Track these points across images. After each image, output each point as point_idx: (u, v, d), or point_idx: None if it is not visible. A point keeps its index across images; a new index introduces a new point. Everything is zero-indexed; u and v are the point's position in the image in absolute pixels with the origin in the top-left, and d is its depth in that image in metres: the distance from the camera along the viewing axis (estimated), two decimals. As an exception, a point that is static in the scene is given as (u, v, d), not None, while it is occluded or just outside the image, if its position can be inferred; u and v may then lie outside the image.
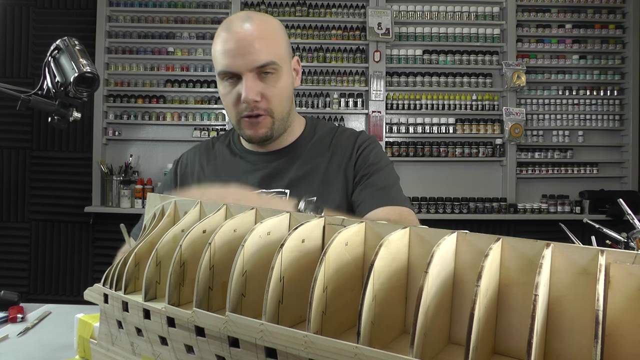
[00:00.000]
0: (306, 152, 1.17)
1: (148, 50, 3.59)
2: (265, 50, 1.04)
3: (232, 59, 1.04)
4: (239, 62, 1.03)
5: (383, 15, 3.54)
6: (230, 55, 1.04)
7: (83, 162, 3.55)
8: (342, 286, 0.54)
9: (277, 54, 1.06)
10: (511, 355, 0.51)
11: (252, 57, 1.03)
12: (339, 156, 1.16)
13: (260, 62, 1.03)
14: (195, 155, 1.25)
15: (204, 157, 1.24)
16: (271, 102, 1.07)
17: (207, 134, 3.52)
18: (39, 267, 3.55)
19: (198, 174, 1.22)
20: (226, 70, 1.05)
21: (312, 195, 1.07)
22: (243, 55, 1.03)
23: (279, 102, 1.09)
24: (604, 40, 3.71)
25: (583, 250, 0.46)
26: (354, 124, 3.68)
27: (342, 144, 1.18)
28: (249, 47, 1.03)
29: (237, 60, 1.03)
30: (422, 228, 0.55)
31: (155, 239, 0.69)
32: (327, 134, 1.21)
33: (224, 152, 1.24)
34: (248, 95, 1.03)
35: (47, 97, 0.98)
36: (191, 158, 1.26)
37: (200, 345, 0.58)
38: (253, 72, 1.04)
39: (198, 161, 1.24)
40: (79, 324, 0.82)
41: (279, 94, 1.08)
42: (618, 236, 1.04)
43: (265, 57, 1.04)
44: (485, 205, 3.51)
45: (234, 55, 1.03)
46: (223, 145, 1.25)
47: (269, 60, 1.04)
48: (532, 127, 3.65)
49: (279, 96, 1.08)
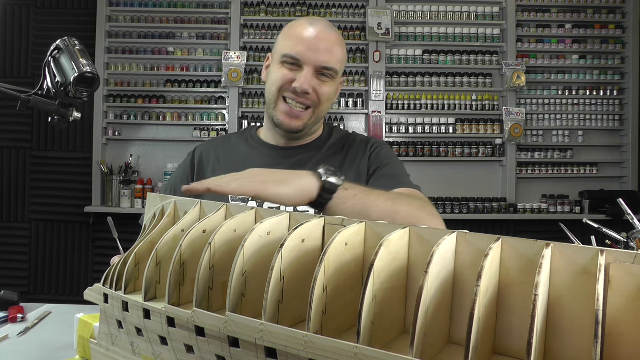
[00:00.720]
0: (323, 150, 1.24)
1: (148, 50, 3.59)
2: (335, 57, 1.14)
3: (305, 50, 1.11)
4: (310, 55, 1.11)
5: (383, 15, 3.54)
6: (305, 46, 1.11)
7: (83, 162, 3.55)
8: (342, 286, 0.54)
9: (340, 65, 1.17)
10: (511, 355, 0.51)
11: (322, 57, 1.11)
12: (352, 155, 1.23)
13: (327, 64, 1.12)
14: (211, 147, 1.29)
15: (220, 148, 1.27)
16: (320, 99, 1.15)
17: (207, 134, 3.52)
18: (39, 267, 3.55)
19: (213, 164, 1.24)
20: (294, 55, 1.11)
21: None
22: (316, 51, 1.11)
23: (325, 102, 1.16)
24: (604, 40, 3.70)
25: (583, 250, 0.46)
26: (354, 124, 3.68)
27: (355, 145, 1.26)
28: (323, 48, 1.12)
29: (308, 52, 1.11)
30: (422, 228, 0.55)
31: (155, 239, 0.69)
32: (341, 137, 1.29)
33: (241, 145, 1.28)
34: (303, 86, 1.11)
35: (47, 97, 0.98)
36: (206, 149, 1.28)
37: (200, 345, 0.58)
38: (314, 69, 1.12)
39: (214, 152, 1.26)
40: (79, 324, 0.82)
41: (327, 95, 1.16)
42: (618, 236, 1.04)
43: (332, 61, 1.13)
44: (485, 205, 3.51)
45: (308, 48, 1.11)
46: (240, 139, 1.29)
47: (333, 67, 1.14)
48: (532, 127, 3.65)
49: (327, 97, 1.16)
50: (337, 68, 1.15)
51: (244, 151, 1.25)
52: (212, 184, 0.81)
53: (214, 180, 0.83)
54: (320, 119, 1.21)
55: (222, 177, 0.84)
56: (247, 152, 1.25)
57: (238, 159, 1.23)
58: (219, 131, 3.55)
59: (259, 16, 3.59)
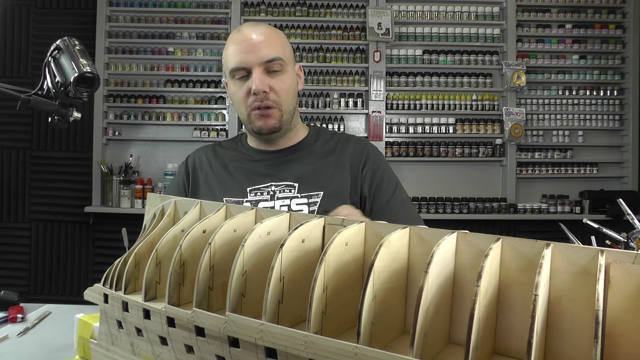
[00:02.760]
0: (314, 150, 1.25)
1: (148, 50, 3.59)
2: (273, 48, 1.15)
3: (244, 55, 1.14)
4: (250, 57, 1.13)
5: (383, 15, 3.53)
6: (242, 53, 1.14)
7: (83, 162, 3.55)
8: (342, 286, 0.54)
9: (283, 53, 1.17)
10: (511, 355, 0.51)
11: (262, 53, 1.14)
12: (346, 156, 1.24)
13: (269, 56, 1.14)
14: (203, 154, 1.31)
15: (211, 155, 1.30)
16: (279, 95, 1.16)
17: (207, 134, 3.52)
18: (39, 267, 3.55)
19: (206, 171, 1.26)
20: (238, 66, 1.14)
21: (319, 189, 1.16)
22: (253, 51, 1.14)
23: (286, 96, 1.17)
24: (604, 40, 3.70)
25: (583, 250, 0.46)
26: (354, 124, 3.68)
27: (349, 148, 1.25)
28: (258, 45, 1.14)
29: (248, 56, 1.13)
30: (422, 228, 0.55)
31: (155, 239, 0.69)
32: (330, 137, 1.29)
33: (231, 151, 1.30)
34: (258, 86, 1.12)
35: (47, 97, 0.98)
36: (198, 156, 1.31)
37: (200, 345, 0.58)
38: (262, 67, 1.14)
39: (206, 158, 1.29)
40: (79, 324, 0.82)
41: (286, 88, 1.17)
42: (618, 236, 1.03)
43: (273, 53, 1.14)
44: (485, 205, 3.51)
45: (246, 52, 1.14)
46: (230, 145, 1.32)
47: (276, 56, 1.15)
48: (532, 127, 3.65)
49: (286, 90, 1.17)
50: (281, 55, 1.15)
51: (235, 157, 1.27)
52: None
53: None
54: (292, 113, 1.21)
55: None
56: (238, 157, 1.27)
57: (230, 165, 1.25)
58: (219, 131, 3.55)
59: (259, 16, 3.58)
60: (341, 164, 1.22)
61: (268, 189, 1.18)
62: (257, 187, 1.19)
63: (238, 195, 1.18)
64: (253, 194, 1.18)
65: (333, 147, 1.25)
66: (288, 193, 1.17)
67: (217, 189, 1.21)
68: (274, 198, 1.17)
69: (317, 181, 1.19)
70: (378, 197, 1.21)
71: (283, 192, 1.17)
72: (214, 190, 1.22)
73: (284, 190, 1.18)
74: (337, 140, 1.27)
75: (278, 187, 1.18)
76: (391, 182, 1.23)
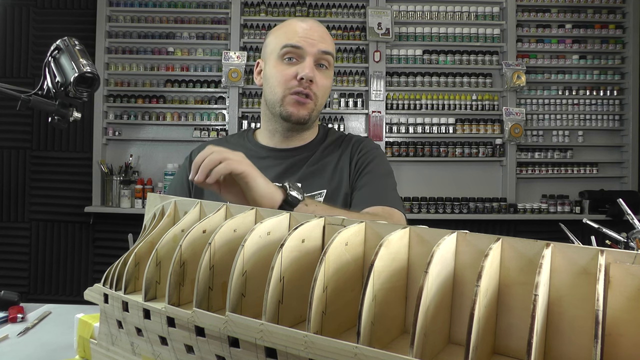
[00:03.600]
0: (319, 152, 1.25)
1: (148, 50, 3.59)
2: (329, 44, 1.19)
3: (303, 39, 1.15)
4: (309, 43, 1.15)
5: (383, 15, 3.53)
6: (302, 37, 1.16)
7: (83, 162, 3.55)
8: (342, 286, 0.54)
9: (333, 52, 1.22)
10: (511, 355, 0.51)
11: (320, 44, 1.16)
12: (347, 155, 1.26)
13: (325, 49, 1.17)
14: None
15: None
16: (319, 89, 1.18)
17: (207, 134, 3.52)
18: (39, 267, 3.55)
19: None
20: (295, 44, 1.15)
21: (322, 188, 1.17)
22: (312, 39, 1.16)
23: (323, 93, 1.20)
24: (604, 40, 3.71)
25: (583, 250, 0.46)
26: (354, 124, 3.68)
27: (350, 145, 1.28)
28: (318, 35, 1.17)
29: (307, 41, 1.15)
30: (422, 228, 0.55)
31: (155, 239, 0.69)
32: (336, 138, 1.31)
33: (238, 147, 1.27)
34: (309, 73, 1.14)
35: (47, 97, 0.98)
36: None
37: (200, 345, 0.58)
38: (315, 57, 1.16)
39: None
40: (79, 324, 0.82)
41: (326, 85, 1.20)
42: (618, 236, 1.04)
43: (329, 47, 1.18)
44: (485, 205, 3.51)
45: (305, 38, 1.16)
46: (238, 141, 1.31)
47: (330, 50, 1.19)
48: (532, 127, 3.65)
49: (326, 87, 1.20)
50: (333, 53, 1.20)
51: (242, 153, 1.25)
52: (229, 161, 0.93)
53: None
54: (319, 112, 1.23)
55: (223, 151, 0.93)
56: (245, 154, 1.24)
57: None
58: (219, 131, 3.55)
59: (259, 16, 3.59)
60: (342, 161, 1.24)
61: None
62: None
63: None
64: None
65: (337, 147, 1.27)
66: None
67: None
68: None
69: (320, 180, 1.20)
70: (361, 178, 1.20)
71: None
72: None
73: None
74: (342, 140, 1.29)
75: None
76: (378, 167, 1.22)
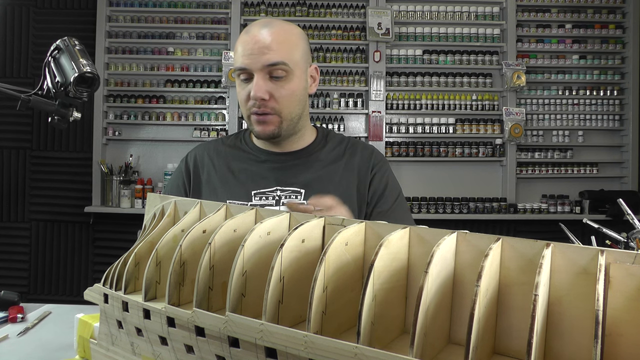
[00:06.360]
0: (322, 156, 1.23)
1: (148, 50, 3.59)
2: (278, 52, 1.09)
3: (247, 58, 1.10)
4: (252, 60, 1.09)
5: (383, 15, 3.53)
6: (246, 55, 1.10)
7: (83, 162, 3.55)
8: (342, 286, 0.54)
9: (289, 57, 1.11)
10: (511, 355, 0.51)
11: (264, 57, 1.09)
12: (354, 163, 1.23)
13: (270, 61, 1.09)
14: (204, 151, 1.27)
15: (213, 152, 1.26)
16: (279, 102, 1.12)
17: (207, 134, 3.52)
18: (39, 267, 3.55)
19: (208, 169, 1.23)
20: (240, 67, 1.11)
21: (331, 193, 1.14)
22: (256, 54, 1.09)
23: (287, 103, 1.13)
24: (604, 40, 3.70)
25: (583, 250, 0.46)
26: (354, 124, 3.68)
27: (357, 154, 1.24)
28: (262, 48, 1.09)
29: (250, 59, 1.10)
30: (422, 228, 0.55)
31: (155, 239, 0.69)
32: (339, 143, 1.27)
33: (235, 148, 1.26)
34: (256, 93, 1.09)
35: (47, 97, 0.98)
36: (200, 153, 1.27)
37: (200, 345, 0.58)
38: (264, 72, 1.10)
39: (207, 156, 1.25)
40: (79, 324, 0.82)
41: (287, 95, 1.12)
42: (618, 236, 1.04)
43: (276, 57, 1.09)
44: (485, 205, 3.51)
45: (249, 55, 1.10)
46: (234, 142, 1.28)
47: (279, 61, 1.09)
48: (532, 127, 3.65)
49: (288, 97, 1.13)
50: (286, 60, 1.10)
51: (238, 156, 1.24)
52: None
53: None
54: (295, 120, 1.16)
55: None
56: (242, 157, 1.24)
57: (233, 165, 1.22)
58: (219, 131, 3.55)
59: (259, 16, 3.58)
60: (348, 170, 1.21)
61: (273, 194, 1.16)
62: (262, 191, 1.17)
63: (242, 198, 1.16)
64: (258, 198, 1.16)
65: (341, 153, 1.24)
66: (294, 199, 1.15)
67: (220, 190, 1.19)
68: (279, 203, 1.15)
69: (325, 188, 1.16)
70: (380, 203, 1.20)
71: (289, 198, 1.16)
72: (217, 191, 1.19)
73: (289, 195, 1.16)
74: (345, 147, 1.25)
75: (284, 192, 1.16)
76: (394, 191, 1.23)
